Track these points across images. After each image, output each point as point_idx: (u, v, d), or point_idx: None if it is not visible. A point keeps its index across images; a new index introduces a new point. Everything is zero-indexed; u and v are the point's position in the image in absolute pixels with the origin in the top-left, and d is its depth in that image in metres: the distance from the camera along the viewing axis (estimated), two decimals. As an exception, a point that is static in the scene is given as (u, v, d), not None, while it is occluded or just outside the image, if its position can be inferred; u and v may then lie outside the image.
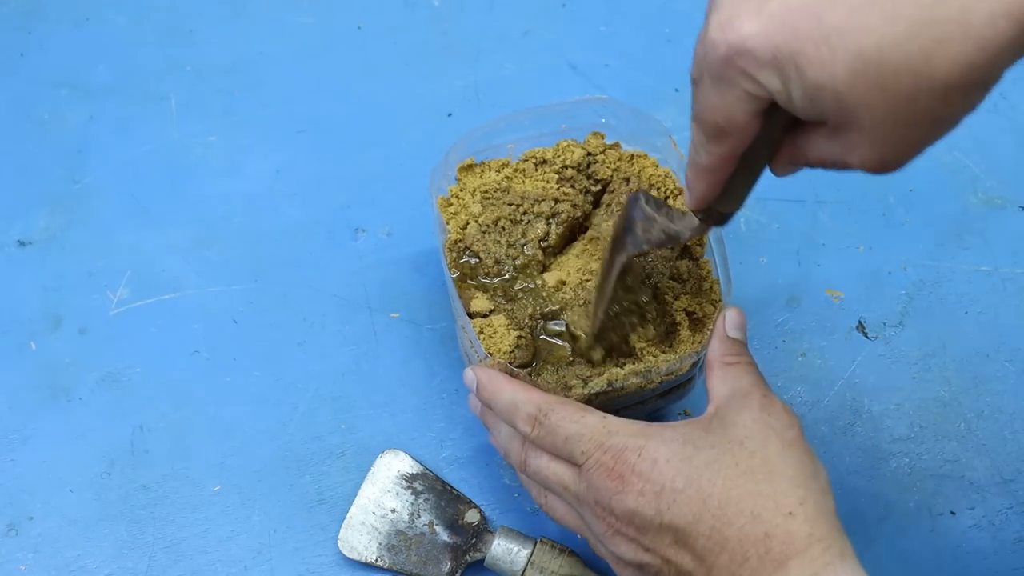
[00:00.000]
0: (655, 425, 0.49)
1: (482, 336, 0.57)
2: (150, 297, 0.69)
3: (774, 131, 0.43)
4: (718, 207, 0.49)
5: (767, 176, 0.47)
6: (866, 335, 0.68)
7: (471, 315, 0.58)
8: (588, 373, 0.57)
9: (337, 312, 0.69)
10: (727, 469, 0.46)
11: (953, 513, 0.62)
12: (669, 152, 0.63)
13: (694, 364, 0.57)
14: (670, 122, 0.66)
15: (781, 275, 0.70)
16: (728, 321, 0.53)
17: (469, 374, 0.55)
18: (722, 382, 0.50)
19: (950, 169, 0.75)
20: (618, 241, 0.55)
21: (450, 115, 0.78)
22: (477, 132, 0.64)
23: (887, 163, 0.41)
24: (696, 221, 0.50)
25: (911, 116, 0.38)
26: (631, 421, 0.49)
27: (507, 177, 0.64)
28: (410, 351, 0.67)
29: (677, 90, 0.79)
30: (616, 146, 0.65)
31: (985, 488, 0.63)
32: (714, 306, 0.59)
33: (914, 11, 0.35)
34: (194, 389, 0.66)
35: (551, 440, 0.50)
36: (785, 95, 0.39)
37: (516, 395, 0.52)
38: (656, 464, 0.47)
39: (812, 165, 0.44)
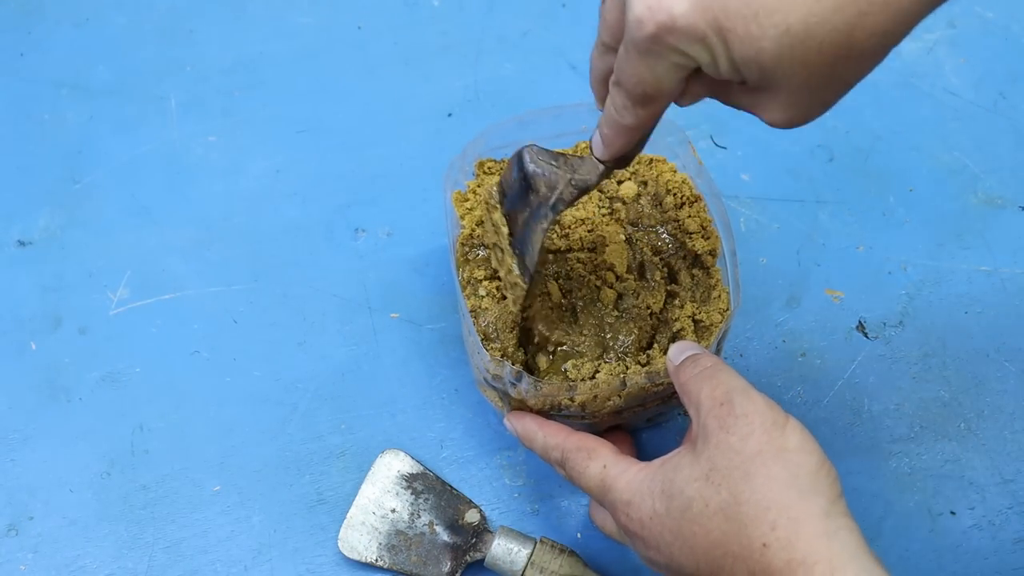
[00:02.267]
0: (639, 470, 0.48)
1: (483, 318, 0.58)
2: (150, 297, 0.69)
3: (696, 88, 0.45)
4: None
5: (767, 176, 0.47)
6: (866, 335, 0.68)
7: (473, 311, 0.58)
8: (592, 371, 0.57)
9: (337, 312, 0.69)
10: (700, 513, 0.44)
11: (953, 513, 0.62)
12: (687, 157, 0.63)
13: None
14: (680, 122, 0.66)
15: (781, 275, 0.70)
16: (673, 354, 0.51)
17: (508, 425, 0.57)
18: (689, 406, 0.48)
19: (950, 169, 0.75)
20: (519, 202, 0.54)
21: (450, 115, 0.78)
22: (496, 129, 0.64)
23: (795, 121, 0.43)
24: (600, 166, 0.50)
25: (827, 81, 0.40)
26: (624, 468, 0.49)
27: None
28: (410, 351, 0.67)
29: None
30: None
31: (985, 488, 0.63)
32: (721, 315, 0.59)
33: None
34: (194, 389, 0.66)
35: (575, 481, 0.52)
36: (713, 66, 0.41)
37: (545, 440, 0.54)
38: (644, 524, 0.47)
39: (722, 103, 0.46)
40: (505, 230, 0.56)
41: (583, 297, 0.60)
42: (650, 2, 0.40)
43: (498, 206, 0.57)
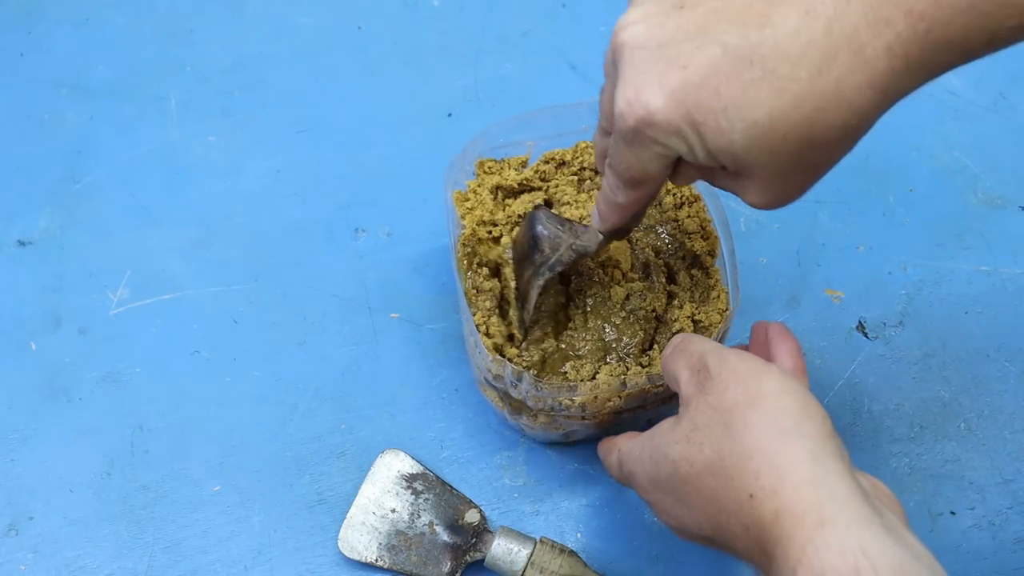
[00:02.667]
0: (637, 442, 0.49)
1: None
2: (150, 297, 0.69)
3: (686, 171, 0.49)
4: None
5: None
6: (866, 335, 0.68)
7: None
8: (592, 373, 0.57)
9: (337, 312, 0.69)
10: (688, 474, 0.44)
11: (953, 513, 0.62)
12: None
13: None
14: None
15: (781, 275, 0.70)
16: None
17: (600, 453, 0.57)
18: (671, 382, 0.50)
19: (950, 169, 0.75)
20: (525, 260, 0.57)
21: (450, 115, 0.78)
22: (497, 128, 0.64)
23: (774, 203, 0.46)
24: (600, 236, 0.54)
25: (797, 168, 0.44)
26: (625, 442, 0.51)
27: (526, 179, 0.64)
28: (410, 351, 0.67)
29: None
30: None
31: (985, 488, 0.63)
32: (720, 315, 0.59)
33: (797, 86, 0.41)
34: (194, 389, 0.66)
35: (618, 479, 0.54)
36: (692, 155, 0.44)
37: (606, 460, 0.55)
38: (647, 491, 0.48)
39: (711, 185, 0.49)
40: (512, 284, 0.59)
41: (594, 295, 0.59)
42: (630, 97, 0.43)
43: (509, 261, 0.60)
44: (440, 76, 0.80)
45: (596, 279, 0.60)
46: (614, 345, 0.59)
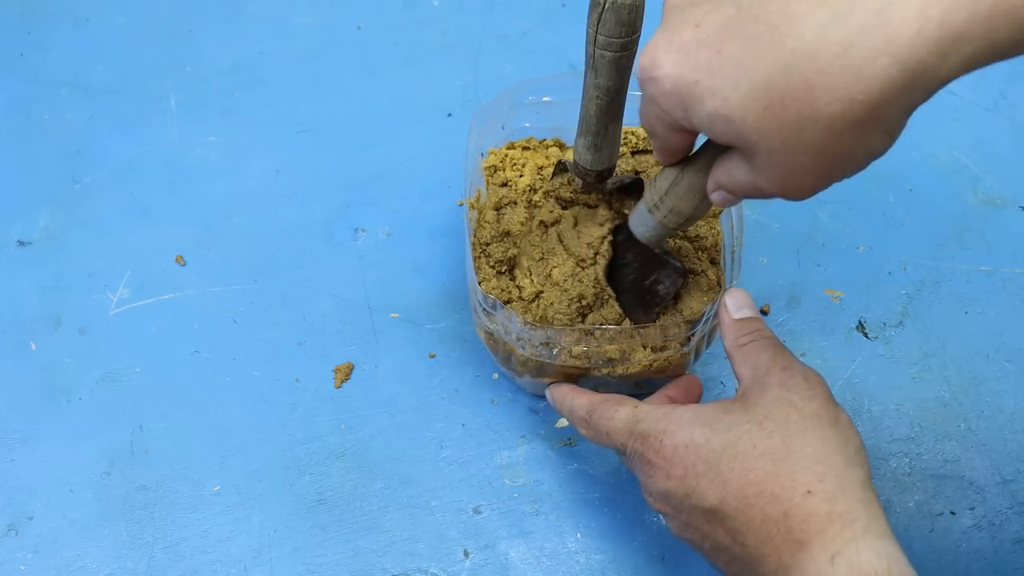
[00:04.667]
0: (681, 408, 0.50)
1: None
2: (150, 297, 0.69)
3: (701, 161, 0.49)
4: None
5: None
6: (866, 335, 0.68)
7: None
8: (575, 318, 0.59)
9: (337, 312, 0.69)
10: (745, 452, 0.46)
11: (953, 513, 0.62)
12: None
13: (685, 341, 0.58)
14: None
15: (781, 275, 0.70)
16: (731, 304, 0.53)
17: (547, 395, 0.60)
18: (742, 364, 0.50)
19: (950, 169, 0.75)
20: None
21: (450, 115, 0.78)
22: (529, 84, 0.65)
23: (789, 190, 0.43)
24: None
25: (802, 145, 0.39)
26: (659, 406, 0.51)
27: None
28: (410, 351, 0.67)
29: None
30: None
31: (985, 488, 0.63)
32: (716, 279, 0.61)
33: (798, 43, 0.37)
34: (194, 389, 0.66)
35: (599, 436, 0.54)
36: (688, 122, 0.43)
37: (573, 401, 0.57)
38: (677, 449, 0.48)
39: (737, 194, 0.47)
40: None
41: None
42: (647, 50, 0.43)
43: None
44: (440, 76, 0.80)
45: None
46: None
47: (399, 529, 0.61)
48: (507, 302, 0.60)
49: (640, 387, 0.63)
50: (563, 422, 0.64)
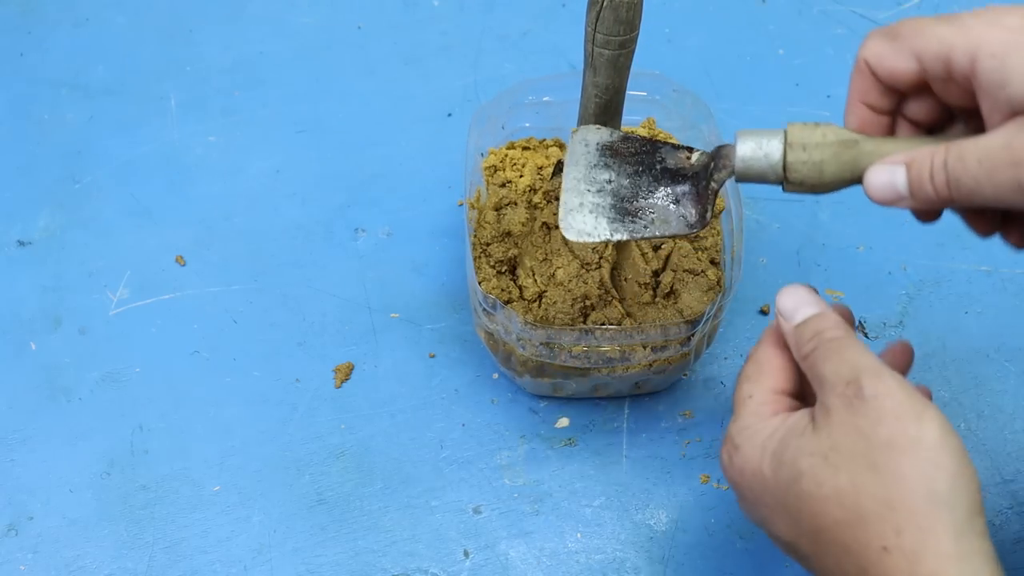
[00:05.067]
0: (766, 422, 0.44)
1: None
2: (150, 297, 0.69)
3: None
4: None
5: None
6: (866, 335, 0.68)
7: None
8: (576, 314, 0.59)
9: (337, 312, 0.69)
10: (811, 492, 0.40)
11: (953, 513, 0.62)
12: (711, 132, 0.63)
13: (685, 341, 0.58)
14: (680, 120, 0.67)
15: (781, 275, 0.70)
16: (786, 309, 0.46)
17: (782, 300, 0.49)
18: (811, 380, 0.44)
19: (950, 169, 0.75)
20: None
21: (450, 115, 0.78)
22: (529, 84, 0.64)
23: None
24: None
25: None
26: (757, 408, 0.45)
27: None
28: (410, 351, 0.67)
29: (675, 91, 0.79)
30: (669, 137, 0.66)
31: (985, 488, 0.63)
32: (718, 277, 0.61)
33: None
34: (194, 389, 0.66)
35: None
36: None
37: (774, 323, 0.49)
38: (744, 474, 0.44)
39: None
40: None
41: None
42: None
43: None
44: (440, 76, 0.80)
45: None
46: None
47: (399, 529, 0.61)
48: (507, 302, 0.60)
49: (640, 387, 0.63)
50: (563, 422, 0.64)
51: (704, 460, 0.63)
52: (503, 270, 0.61)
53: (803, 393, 0.47)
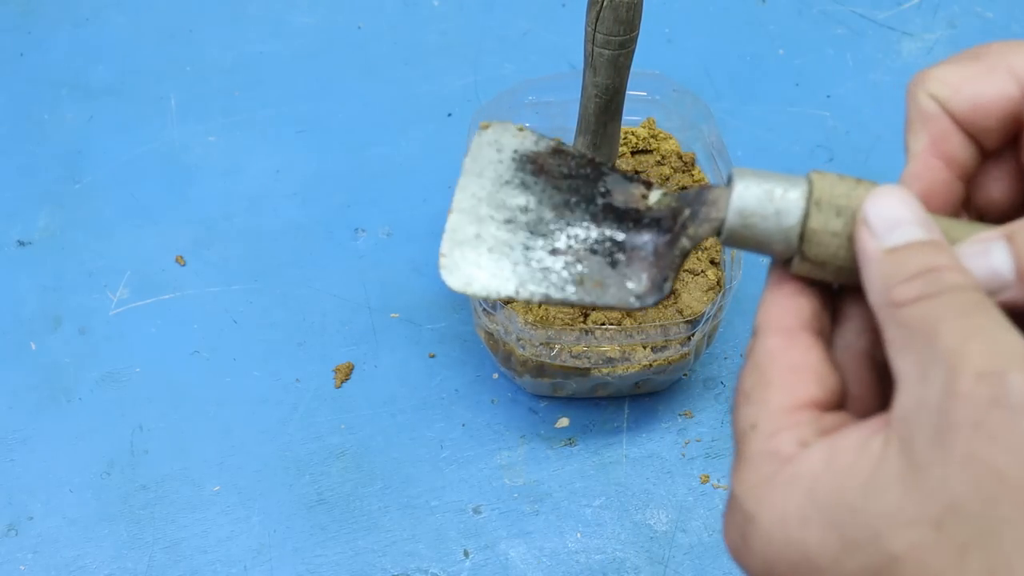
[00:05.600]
0: (777, 473, 0.27)
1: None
2: (150, 297, 0.69)
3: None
4: None
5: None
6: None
7: None
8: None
9: (337, 312, 0.69)
10: None
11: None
12: (711, 133, 0.63)
13: (685, 341, 0.58)
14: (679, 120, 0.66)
15: (781, 275, 0.70)
16: (878, 217, 0.29)
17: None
18: (903, 351, 0.26)
19: (950, 169, 0.75)
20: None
21: (450, 115, 0.78)
22: (528, 84, 0.65)
23: None
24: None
25: None
26: (774, 451, 0.28)
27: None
28: (410, 351, 0.67)
29: (675, 91, 0.79)
30: (669, 137, 0.66)
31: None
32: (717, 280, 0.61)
33: None
34: (194, 389, 0.66)
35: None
36: None
37: (758, 315, 0.33)
38: (774, 567, 0.27)
39: None
40: None
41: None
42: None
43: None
44: (440, 76, 0.80)
45: None
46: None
47: (399, 529, 0.61)
48: (507, 302, 0.60)
49: (639, 387, 0.63)
50: (563, 422, 0.65)
51: (704, 460, 0.63)
52: None
53: (843, 392, 0.30)
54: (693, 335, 0.58)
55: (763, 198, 0.32)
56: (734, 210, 0.32)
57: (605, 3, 0.50)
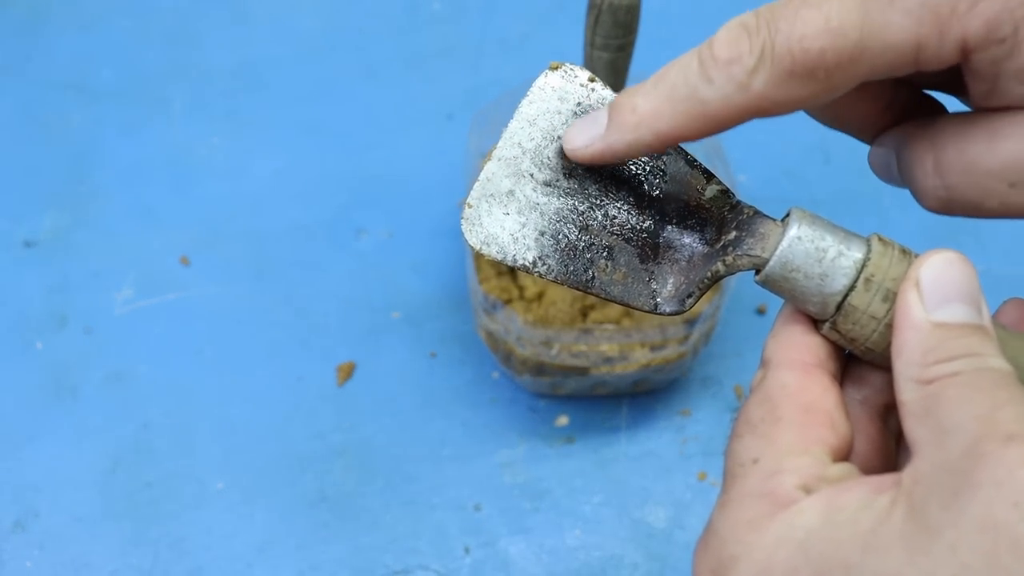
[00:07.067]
0: (769, 519, 0.26)
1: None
2: (154, 297, 0.70)
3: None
4: None
5: (764, 177, 0.48)
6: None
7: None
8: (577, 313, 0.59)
9: (339, 312, 0.69)
10: None
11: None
12: (708, 141, 0.64)
13: (683, 340, 0.58)
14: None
15: (778, 275, 0.71)
16: (932, 287, 0.29)
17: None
18: (921, 421, 0.26)
19: (946, 170, 0.76)
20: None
21: (450, 117, 0.79)
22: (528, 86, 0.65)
23: None
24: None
25: None
26: (769, 493, 0.26)
27: None
28: (411, 350, 0.68)
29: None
30: None
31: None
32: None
33: None
34: (198, 388, 0.66)
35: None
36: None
37: (767, 348, 0.32)
38: None
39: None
40: None
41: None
42: None
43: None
44: (441, 79, 0.81)
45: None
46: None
47: (400, 526, 0.61)
48: (507, 302, 0.61)
49: (638, 385, 0.63)
50: (562, 420, 0.65)
51: (702, 458, 0.63)
52: (503, 270, 0.62)
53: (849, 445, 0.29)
54: (691, 334, 0.59)
55: (813, 256, 0.30)
56: (779, 258, 0.30)
57: (604, 7, 0.50)
